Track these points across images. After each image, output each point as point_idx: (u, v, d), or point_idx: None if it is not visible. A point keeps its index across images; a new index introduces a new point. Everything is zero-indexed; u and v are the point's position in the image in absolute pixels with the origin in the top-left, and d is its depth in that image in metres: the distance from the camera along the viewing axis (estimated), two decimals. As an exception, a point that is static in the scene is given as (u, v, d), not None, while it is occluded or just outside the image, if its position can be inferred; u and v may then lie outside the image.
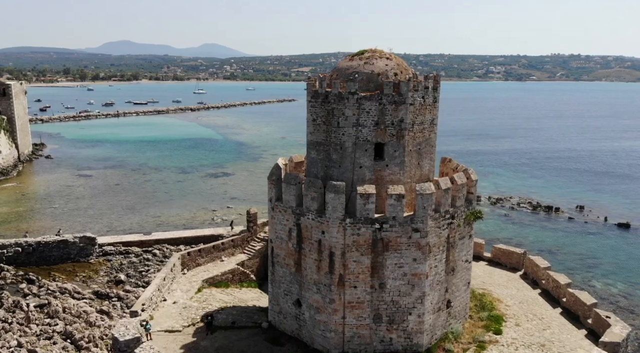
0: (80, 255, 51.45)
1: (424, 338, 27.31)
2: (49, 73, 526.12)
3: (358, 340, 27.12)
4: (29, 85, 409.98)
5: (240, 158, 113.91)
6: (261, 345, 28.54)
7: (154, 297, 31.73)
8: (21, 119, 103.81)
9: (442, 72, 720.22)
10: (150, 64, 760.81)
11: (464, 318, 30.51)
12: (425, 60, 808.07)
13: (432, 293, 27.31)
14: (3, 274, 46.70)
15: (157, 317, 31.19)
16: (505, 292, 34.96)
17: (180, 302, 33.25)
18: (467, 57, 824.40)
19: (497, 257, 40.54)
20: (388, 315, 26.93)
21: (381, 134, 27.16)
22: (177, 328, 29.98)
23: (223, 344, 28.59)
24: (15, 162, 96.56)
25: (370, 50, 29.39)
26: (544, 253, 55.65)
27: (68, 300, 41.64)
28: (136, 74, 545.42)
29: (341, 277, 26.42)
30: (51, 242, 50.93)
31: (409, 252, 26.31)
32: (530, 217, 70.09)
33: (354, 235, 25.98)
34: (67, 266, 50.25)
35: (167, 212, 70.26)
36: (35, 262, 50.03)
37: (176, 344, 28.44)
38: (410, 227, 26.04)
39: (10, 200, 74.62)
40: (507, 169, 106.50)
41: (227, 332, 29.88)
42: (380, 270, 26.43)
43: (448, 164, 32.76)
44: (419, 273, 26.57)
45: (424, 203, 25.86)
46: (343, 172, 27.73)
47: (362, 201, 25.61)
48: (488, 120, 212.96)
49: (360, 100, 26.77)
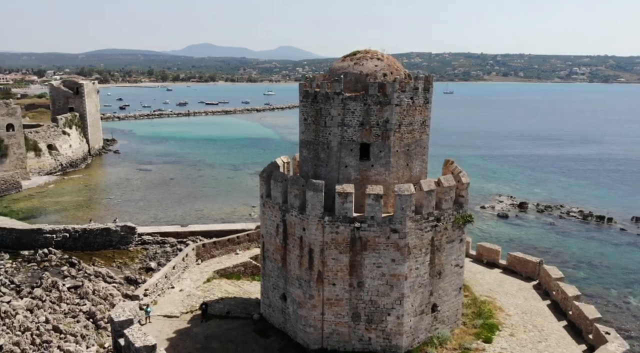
0: (121, 243, 55.42)
1: (404, 340, 27.13)
2: (135, 74, 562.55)
3: (337, 337, 27.46)
4: (115, 85, 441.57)
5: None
6: (249, 336, 29.65)
7: (159, 283, 33.84)
8: (92, 116, 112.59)
9: (520, 73, 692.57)
10: (228, 66, 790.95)
11: (454, 324, 29.85)
12: (503, 61, 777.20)
13: (412, 295, 27.06)
14: (50, 257, 51.47)
15: (161, 303, 33.25)
16: (511, 301, 33.65)
17: (186, 290, 35.17)
18: (549, 57, 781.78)
19: (512, 265, 38.97)
20: (367, 315, 27.04)
21: (366, 134, 27.33)
22: (175, 314, 31.82)
23: (214, 332, 30.01)
24: (85, 156, 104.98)
25: (363, 51, 29.60)
26: (583, 265, 52.67)
27: (99, 284, 45.20)
28: (213, 76, 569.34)
29: (320, 274, 26.91)
30: (95, 229, 55.28)
31: (387, 253, 26.29)
32: (578, 226, 66.01)
33: (332, 233, 26.38)
34: (108, 252, 54.37)
35: (210, 206, 73.58)
36: (80, 247, 54.59)
37: (171, 329, 30.24)
38: (388, 227, 26.02)
39: (73, 190, 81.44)
40: (568, 175, 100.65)
41: (221, 321, 31.28)
42: (359, 269, 26.61)
43: (449, 166, 32.12)
44: (398, 274, 26.46)
45: (402, 204, 25.74)
46: (330, 171, 28.20)
47: (340, 200, 25.96)
48: (561, 123, 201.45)
49: (345, 101, 27.12)
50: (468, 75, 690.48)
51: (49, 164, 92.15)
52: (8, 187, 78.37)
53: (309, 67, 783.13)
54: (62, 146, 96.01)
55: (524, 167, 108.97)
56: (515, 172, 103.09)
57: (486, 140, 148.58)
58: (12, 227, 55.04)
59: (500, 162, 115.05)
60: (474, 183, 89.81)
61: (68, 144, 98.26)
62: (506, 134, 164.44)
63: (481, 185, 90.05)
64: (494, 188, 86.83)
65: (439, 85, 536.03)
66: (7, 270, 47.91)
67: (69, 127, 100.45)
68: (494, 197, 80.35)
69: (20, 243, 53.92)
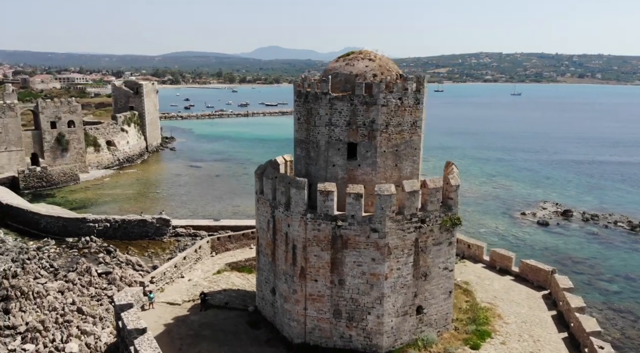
0: (156, 234, 58.67)
1: (384, 340, 27.17)
2: (205, 75, 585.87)
3: (319, 332, 27.95)
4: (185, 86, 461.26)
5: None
6: (241, 326, 30.79)
7: (167, 272, 35.83)
8: (151, 115, 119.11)
9: (598, 74, 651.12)
10: (293, 68, 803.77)
11: (443, 328, 29.40)
12: (579, 61, 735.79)
13: (393, 295, 27.02)
14: (90, 244, 55.42)
15: (168, 291, 35.18)
16: (513, 310, 32.54)
17: (194, 280, 36.95)
18: (630, 58, 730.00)
19: (524, 272, 37.56)
20: (347, 312, 27.34)
21: (353, 134, 27.64)
22: (177, 301, 33.59)
23: (209, 321, 31.42)
24: (142, 152, 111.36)
25: (357, 51, 29.91)
26: (619, 278, 49.71)
27: (128, 271, 48.25)
28: (277, 78, 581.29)
29: (303, 270, 27.53)
30: (133, 220, 58.88)
31: (367, 252, 26.46)
32: (624, 237, 61.79)
33: (314, 230, 26.92)
34: (143, 242, 57.74)
35: (246, 202, 75.80)
36: (119, 236, 58.34)
37: (170, 315, 31.97)
38: (368, 226, 26.19)
39: (126, 183, 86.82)
40: (630, 184, 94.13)
41: (218, 311, 32.65)
42: (340, 267, 26.97)
43: (447, 168, 31.65)
44: (378, 273, 26.56)
45: (382, 204, 25.83)
46: (319, 170, 28.77)
47: (322, 198, 26.45)
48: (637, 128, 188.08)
49: (332, 100, 27.58)
50: (540, 76, 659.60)
51: (107, 158, 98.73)
52: (67, 179, 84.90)
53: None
54: (120, 142, 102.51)
55: (582, 173, 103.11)
56: (570, 179, 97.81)
57: (546, 144, 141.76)
58: (59, 216, 59.88)
59: (557, 167, 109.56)
60: (520, 189, 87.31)
61: (126, 141, 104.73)
62: (571, 138, 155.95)
63: (528, 190, 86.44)
64: (541, 195, 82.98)
65: (462, 86, 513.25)
66: (50, 255, 52.20)
67: (128, 125, 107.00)
68: (538, 204, 76.86)
69: (66, 231, 58.52)
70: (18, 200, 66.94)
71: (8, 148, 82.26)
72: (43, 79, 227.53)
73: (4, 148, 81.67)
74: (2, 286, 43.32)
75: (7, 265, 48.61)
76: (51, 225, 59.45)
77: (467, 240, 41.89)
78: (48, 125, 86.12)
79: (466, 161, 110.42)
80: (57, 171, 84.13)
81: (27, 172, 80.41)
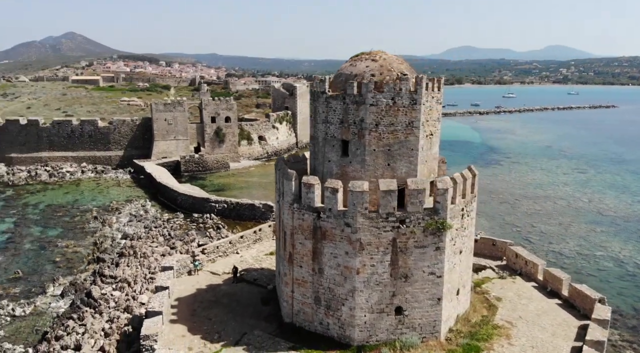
0: (262, 218, 65.54)
1: (356, 333, 27.94)
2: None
3: (303, 315, 29.98)
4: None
5: (475, 161, 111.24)
6: (254, 300, 34.36)
7: (220, 247, 41.32)
8: (303, 114, 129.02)
9: None
10: (483, 69, 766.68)
11: (430, 335, 28.61)
12: None
13: (367, 291, 27.60)
14: (207, 220, 64.75)
15: (218, 263, 40.57)
16: (530, 333, 29.66)
17: (244, 258, 41.73)
18: None
19: (572, 297, 33.29)
20: (326, 300, 28.81)
21: (345, 132, 28.93)
22: (218, 272, 38.68)
23: (232, 291, 35.71)
24: (290, 147, 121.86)
25: (366, 52, 30.81)
26: None
27: (222, 245, 55.51)
28: (460, 79, 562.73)
29: (291, 255, 29.87)
30: (244, 204, 66.77)
31: (341, 245, 27.60)
32: None
33: (299, 219, 29.03)
34: (250, 223, 64.84)
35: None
36: (233, 216, 66.80)
37: (206, 282, 37.16)
38: (342, 220, 27.32)
39: (266, 173, 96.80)
40: None
41: (246, 285, 36.75)
42: (319, 256, 28.60)
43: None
44: (350, 267, 27.49)
45: (353, 200, 26.71)
46: (318, 165, 30.74)
47: (305, 190, 28.43)
48: None
49: (328, 99, 29.28)
50: None
51: (257, 151, 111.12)
52: (219, 166, 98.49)
53: (575, 68, 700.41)
54: (270, 137, 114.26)
55: None
56: None
57: None
58: (191, 194, 71.04)
59: None
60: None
61: (275, 136, 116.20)
62: None
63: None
64: None
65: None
66: (173, 226, 62.70)
67: (279, 123, 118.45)
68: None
69: (194, 208, 69.24)
70: (168, 179, 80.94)
71: (176, 137, 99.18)
72: (246, 81, 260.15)
73: (173, 137, 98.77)
74: (124, 245, 54.31)
75: (138, 230, 60.27)
76: (184, 202, 70.97)
77: (526, 257, 38.45)
78: (209, 119, 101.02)
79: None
80: (211, 159, 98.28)
81: (188, 157, 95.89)
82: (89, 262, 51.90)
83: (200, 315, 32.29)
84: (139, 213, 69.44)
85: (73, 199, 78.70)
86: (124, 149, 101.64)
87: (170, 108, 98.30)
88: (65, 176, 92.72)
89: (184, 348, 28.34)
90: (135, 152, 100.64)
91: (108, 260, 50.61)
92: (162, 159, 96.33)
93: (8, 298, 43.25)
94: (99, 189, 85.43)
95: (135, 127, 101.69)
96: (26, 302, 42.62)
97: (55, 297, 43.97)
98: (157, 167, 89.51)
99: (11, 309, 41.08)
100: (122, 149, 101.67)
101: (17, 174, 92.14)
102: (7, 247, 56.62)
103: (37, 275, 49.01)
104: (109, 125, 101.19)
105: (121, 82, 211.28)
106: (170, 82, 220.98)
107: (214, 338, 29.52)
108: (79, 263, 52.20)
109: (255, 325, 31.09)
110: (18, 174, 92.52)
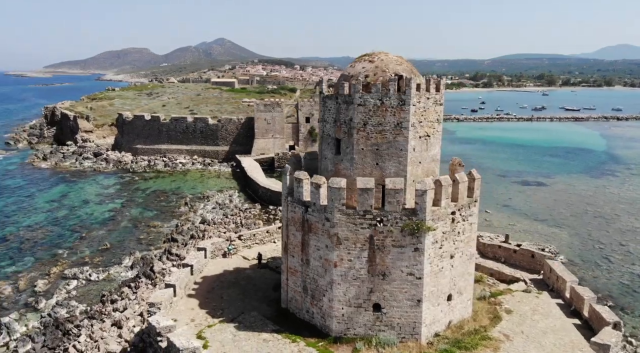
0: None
1: (334, 324, 28.97)
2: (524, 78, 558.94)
3: (295, 303, 31.77)
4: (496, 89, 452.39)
5: (587, 172, 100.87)
6: (267, 286, 36.82)
7: (257, 235, 44.56)
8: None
9: None
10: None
11: (410, 336, 28.52)
12: None
13: (344, 284, 28.48)
14: (279, 213, 68.93)
15: (253, 249, 43.73)
16: (523, 350, 27.99)
17: (278, 246, 44.43)
18: None
19: (592, 318, 30.38)
20: (311, 290, 30.28)
21: (338, 131, 30.08)
22: (248, 257, 41.90)
23: (253, 276, 38.58)
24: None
25: (369, 53, 31.45)
26: None
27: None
28: (609, 80, 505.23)
29: (286, 245, 31.84)
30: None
31: (323, 238, 28.85)
32: None
33: (292, 212, 30.87)
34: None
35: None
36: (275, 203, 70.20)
37: (234, 265, 40.47)
38: (323, 215, 28.58)
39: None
40: None
41: (267, 271, 39.39)
42: (307, 248, 30.16)
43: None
44: (329, 260, 28.63)
45: (332, 196, 27.82)
46: (318, 162, 32.21)
47: (295, 184, 30.21)
48: None
49: (324, 99, 30.68)
50: None
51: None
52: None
53: None
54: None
55: None
56: None
57: None
58: (268, 187, 75.88)
59: None
60: None
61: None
62: None
63: None
64: None
65: None
66: (247, 215, 67.86)
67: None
68: None
69: (270, 200, 73.95)
70: (256, 173, 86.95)
71: (274, 135, 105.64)
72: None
73: (270, 135, 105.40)
74: (200, 229, 60.47)
75: (217, 216, 66.45)
76: (263, 194, 76.13)
77: (557, 272, 35.67)
78: (303, 120, 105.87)
79: None
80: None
81: (281, 154, 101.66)
82: (164, 241, 58.85)
83: (216, 293, 35.67)
84: (224, 202, 76.08)
85: (176, 187, 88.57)
86: (230, 145, 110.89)
87: (269, 108, 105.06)
88: (177, 166, 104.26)
89: (187, 319, 31.87)
90: (239, 148, 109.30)
91: (180, 241, 56.95)
92: (260, 155, 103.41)
93: (90, 265, 51.29)
94: (200, 179, 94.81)
95: (240, 125, 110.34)
96: (102, 269, 50.15)
97: (126, 267, 51.03)
98: (251, 162, 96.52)
99: (88, 274, 48.78)
100: (228, 144, 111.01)
101: (139, 163, 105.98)
102: (108, 223, 66.41)
103: (121, 248, 57.04)
104: (217, 123, 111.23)
105: (254, 85, 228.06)
106: (297, 84, 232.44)
107: (216, 314, 32.59)
108: (157, 242, 59.47)
109: (257, 307, 33.53)
110: (140, 162, 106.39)
